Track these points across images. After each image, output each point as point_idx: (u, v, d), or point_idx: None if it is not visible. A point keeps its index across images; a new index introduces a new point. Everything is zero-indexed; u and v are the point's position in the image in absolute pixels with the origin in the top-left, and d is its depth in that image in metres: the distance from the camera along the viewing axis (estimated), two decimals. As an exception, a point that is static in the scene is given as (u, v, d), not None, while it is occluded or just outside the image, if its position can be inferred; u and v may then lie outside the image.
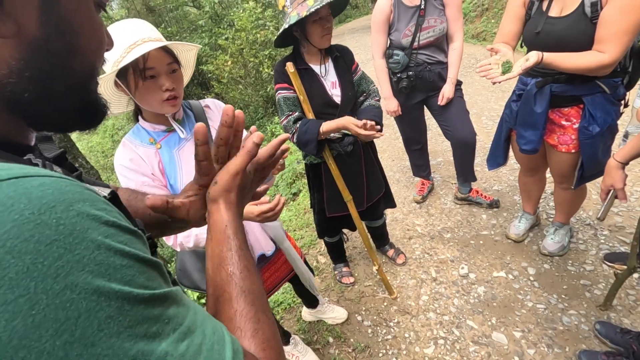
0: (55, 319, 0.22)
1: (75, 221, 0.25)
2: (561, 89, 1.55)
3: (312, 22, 1.41)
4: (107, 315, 0.25)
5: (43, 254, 0.23)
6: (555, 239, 2.00)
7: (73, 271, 0.24)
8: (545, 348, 1.57)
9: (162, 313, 0.29)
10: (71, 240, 0.25)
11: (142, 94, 0.94)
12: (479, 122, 3.74)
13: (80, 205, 0.27)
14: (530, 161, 1.91)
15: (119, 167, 0.99)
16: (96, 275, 0.25)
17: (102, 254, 0.26)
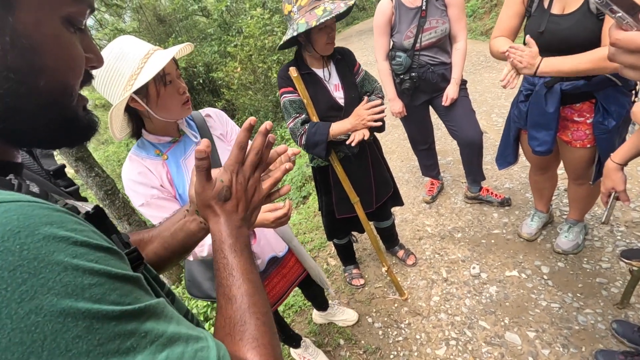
0: (20, 343, 0.23)
1: (40, 245, 0.26)
2: (571, 86, 1.51)
3: (318, 31, 1.43)
4: (74, 335, 0.25)
5: (6, 280, 0.24)
6: (570, 237, 1.96)
7: (37, 295, 0.24)
8: (560, 348, 1.54)
9: (137, 328, 0.29)
10: (35, 265, 0.25)
11: (164, 101, 0.96)
12: (489, 119, 3.69)
13: (46, 228, 0.27)
14: (542, 160, 1.87)
15: (128, 182, 1.00)
16: (62, 296, 0.25)
17: (69, 275, 0.26)
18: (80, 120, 0.41)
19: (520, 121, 1.75)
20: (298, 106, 1.53)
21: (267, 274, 1.34)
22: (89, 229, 0.32)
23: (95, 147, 12.11)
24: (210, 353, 0.34)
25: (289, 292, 1.46)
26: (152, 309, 0.32)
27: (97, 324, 0.26)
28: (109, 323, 0.27)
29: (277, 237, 1.36)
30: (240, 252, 0.50)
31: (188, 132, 1.09)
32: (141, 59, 0.90)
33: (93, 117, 0.44)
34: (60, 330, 0.24)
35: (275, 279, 1.39)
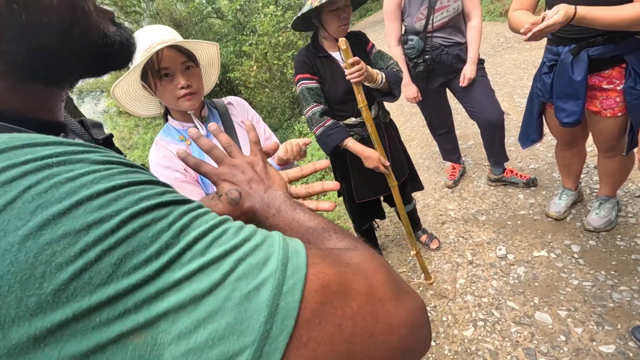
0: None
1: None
2: (600, 51, 1.44)
3: (329, 12, 1.43)
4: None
5: (45, 186, 0.23)
6: (601, 214, 1.89)
7: (77, 194, 0.24)
8: (594, 326, 1.49)
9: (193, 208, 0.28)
10: (71, 173, 0.25)
11: (161, 93, 1.02)
12: (511, 101, 3.58)
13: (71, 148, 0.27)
14: (569, 133, 1.81)
15: (154, 166, 1.06)
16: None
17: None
18: (110, 37, 0.38)
19: (545, 94, 1.69)
20: (315, 94, 1.53)
21: None
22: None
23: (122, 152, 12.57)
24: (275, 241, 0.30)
25: None
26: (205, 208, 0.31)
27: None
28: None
29: None
30: (293, 209, 0.45)
31: (197, 123, 1.11)
32: (144, 50, 0.95)
33: (126, 32, 0.40)
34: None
35: None
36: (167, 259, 0.24)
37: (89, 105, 17.60)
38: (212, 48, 1.11)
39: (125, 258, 0.23)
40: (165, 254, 0.24)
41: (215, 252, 0.26)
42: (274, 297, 0.25)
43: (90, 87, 17.25)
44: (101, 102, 17.12)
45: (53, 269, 0.21)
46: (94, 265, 0.22)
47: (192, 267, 0.24)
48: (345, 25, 1.46)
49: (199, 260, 0.25)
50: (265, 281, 0.25)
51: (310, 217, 0.44)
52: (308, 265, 0.28)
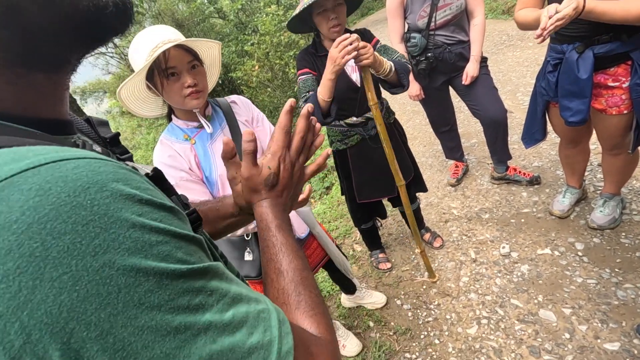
0: (97, 294, 0.23)
1: (108, 201, 0.26)
2: (605, 49, 1.43)
3: (317, 14, 1.41)
4: (146, 289, 0.25)
5: (81, 234, 0.24)
6: (605, 212, 1.88)
7: (110, 249, 0.24)
8: (598, 323, 1.49)
9: (204, 285, 0.30)
10: (106, 220, 0.25)
11: (168, 92, 1.02)
12: (514, 98, 3.57)
13: (113, 185, 0.27)
14: (573, 132, 1.80)
15: (159, 165, 1.06)
16: (132, 252, 0.25)
17: (137, 232, 0.26)
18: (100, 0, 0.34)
19: (549, 93, 1.68)
20: (310, 84, 1.50)
21: None
22: (152, 186, 0.32)
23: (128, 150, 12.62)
24: (271, 315, 0.34)
25: (313, 273, 1.49)
26: (215, 269, 0.32)
27: (166, 280, 0.27)
28: (178, 280, 0.28)
29: (298, 219, 1.39)
30: (288, 233, 0.50)
31: (203, 122, 1.11)
32: (149, 51, 0.96)
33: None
34: (132, 284, 0.25)
35: None
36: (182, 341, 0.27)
37: (91, 105, 17.67)
38: (215, 47, 1.12)
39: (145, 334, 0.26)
40: (184, 333, 0.27)
41: (225, 342, 0.30)
42: None
43: (93, 87, 17.32)
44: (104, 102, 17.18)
45: (83, 327, 0.23)
46: (119, 331, 0.25)
47: (207, 351, 0.28)
48: (336, 26, 1.42)
49: (211, 346, 0.29)
50: None
51: (297, 264, 0.48)
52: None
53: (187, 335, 0.27)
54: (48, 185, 0.24)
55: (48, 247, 0.22)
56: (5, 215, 0.22)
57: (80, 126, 0.49)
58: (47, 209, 0.23)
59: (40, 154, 0.26)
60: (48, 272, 0.22)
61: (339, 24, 1.43)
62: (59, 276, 0.22)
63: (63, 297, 0.22)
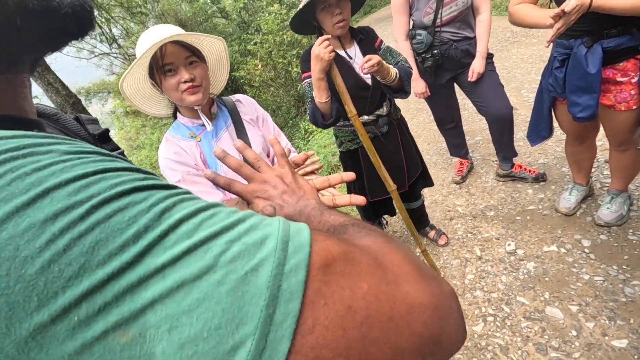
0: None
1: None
2: (614, 43, 1.41)
3: (321, 10, 1.39)
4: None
5: (8, 179, 0.21)
6: (612, 208, 1.86)
7: (44, 184, 0.21)
8: (606, 320, 1.48)
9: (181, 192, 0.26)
10: (38, 164, 0.22)
11: (166, 89, 1.03)
12: (519, 95, 3.55)
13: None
14: (580, 129, 1.79)
15: (165, 161, 1.07)
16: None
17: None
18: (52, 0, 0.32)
19: (557, 89, 1.66)
20: None
21: None
22: None
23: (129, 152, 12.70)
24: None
25: None
26: None
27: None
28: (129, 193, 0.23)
29: None
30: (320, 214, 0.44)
31: (204, 120, 1.11)
32: (146, 48, 0.96)
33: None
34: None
35: None
36: (147, 243, 0.21)
37: (96, 106, 17.78)
38: (219, 44, 1.11)
39: (97, 245, 0.20)
40: (145, 238, 0.21)
41: (204, 233, 0.22)
42: (274, 277, 0.22)
43: (98, 88, 17.42)
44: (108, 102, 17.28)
45: (17, 264, 0.19)
46: (62, 257, 0.19)
47: (177, 251, 0.21)
48: (340, 22, 1.40)
49: (184, 242, 0.22)
50: (264, 261, 0.22)
51: (336, 217, 0.42)
52: (312, 243, 0.25)
53: (150, 239, 0.22)
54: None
55: None
56: None
57: (69, 125, 0.48)
58: None
59: None
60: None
61: (344, 19, 1.41)
62: None
63: None
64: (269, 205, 0.49)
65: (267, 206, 0.49)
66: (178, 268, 0.21)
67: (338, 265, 0.24)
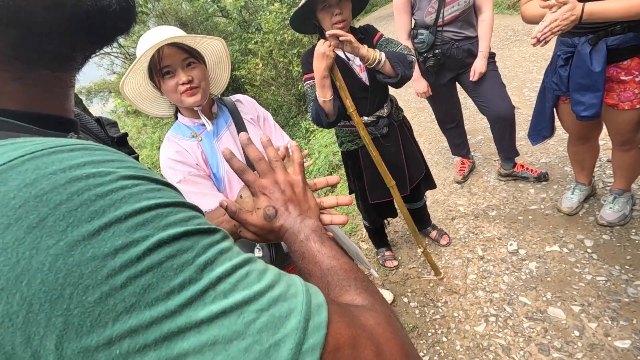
0: (93, 257, 0.22)
1: (105, 173, 0.26)
2: (619, 41, 1.40)
3: (321, 10, 1.38)
4: (147, 247, 0.24)
5: (76, 203, 0.23)
6: (615, 208, 1.86)
7: (106, 214, 0.24)
8: (608, 321, 1.47)
9: (216, 241, 0.28)
10: (101, 189, 0.25)
11: (165, 91, 1.03)
12: (521, 94, 3.54)
13: (109, 164, 0.27)
14: (583, 128, 1.77)
15: (166, 161, 1.06)
16: (130, 214, 0.25)
17: (133, 197, 0.26)
18: (100, 6, 0.34)
19: (561, 87, 1.65)
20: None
21: None
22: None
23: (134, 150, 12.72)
24: (294, 278, 0.31)
25: None
26: (228, 237, 0.31)
27: (166, 239, 0.25)
28: (178, 241, 0.26)
29: None
30: (321, 242, 0.47)
31: (204, 120, 1.11)
32: (143, 50, 0.96)
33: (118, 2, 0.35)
34: (130, 244, 0.24)
35: None
36: (190, 295, 0.24)
37: (97, 105, 17.80)
38: (217, 44, 1.10)
39: (149, 288, 0.23)
40: (188, 289, 0.24)
41: (239, 296, 0.26)
42: (293, 355, 0.25)
43: (99, 87, 17.43)
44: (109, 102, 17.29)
45: (80, 291, 0.21)
46: (118, 292, 0.22)
47: (214, 309, 0.24)
48: (339, 22, 1.38)
49: (221, 302, 0.25)
50: (287, 337, 0.25)
51: (335, 254, 0.44)
52: (328, 325, 0.28)
53: (193, 292, 0.24)
54: (44, 165, 0.24)
55: (44, 217, 0.22)
56: (3, 194, 0.22)
57: (90, 125, 0.50)
58: (44, 184, 0.23)
59: (38, 143, 0.26)
60: (44, 241, 0.22)
61: (344, 20, 1.39)
62: (54, 243, 0.22)
63: (59, 264, 0.22)
64: (272, 207, 0.52)
65: (270, 207, 0.52)
66: (213, 327, 0.24)
67: (346, 349, 0.28)
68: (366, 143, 1.51)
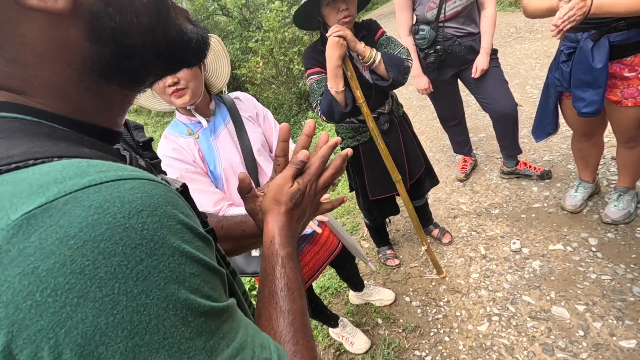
0: (130, 321, 0.24)
1: (157, 226, 0.26)
2: (622, 37, 1.38)
3: (326, 5, 1.35)
4: (172, 324, 0.25)
5: (128, 257, 0.24)
6: (620, 206, 1.83)
7: (150, 276, 0.25)
8: (614, 320, 1.45)
9: (218, 327, 0.30)
10: (152, 245, 0.26)
11: (156, 92, 1.03)
12: (523, 92, 3.51)
13: (163, 209, 0.28)
14: (587, 124, 1.75)
15: (164, 158, 1.05)
16: (169, 281, 0.26)
17: (176, 260, 0.27)
18: (187, 34, 0.39)
19: (563, 83, 1.63)
20: (325, 83, 1.45)
21: (299, 251, 1.36)
22: (193, 213, 0.32)
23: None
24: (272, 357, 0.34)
25: (323, 268, 1.46)
26: (230, 309, 0.32)
27: (191, 317, 0.27)
28: (199, 318, 0.28)
29: None
30: (295, 265, 0.48)
31: (199, 117, 1.10)
32: None
33: (202, 30, 0.41)
34: (162, 316, 0.25)
35: (307, 256, 1.40)
36: None
37: (98, 104, 17.81)
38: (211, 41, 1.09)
39: None
40: None
41: None
42: None
43: (99, 86, 17.43)
44: (110, 101, 17.31)
45: (109, 354, 0.23)
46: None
47: None
48: (346, 17, 1.36)
49: None
50: None
51: (293, 297, 0.45)
52: None
53: None
54: (107, 204, 0.25)
55: (98, 266, 0.23)
56: (65, 229, 0.23)
57: None
58: (103, 227, 0.24)
59: (101, 171, 0.27)
60: (92, 292, 0.23)
61: (350, 15, 1.37)
62: (101, 297, 0.23)
63: (100, 320, 0.23)
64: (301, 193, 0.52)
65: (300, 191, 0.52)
66: None
67: None
68: (374, 136, 1.50)
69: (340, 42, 1.29)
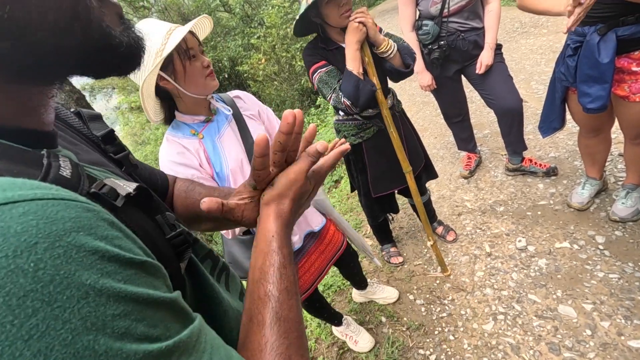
0: None
1: (59, 262, 0.21)
2: (631, 31, 1.35)
3: (326, 3, 1.34)
4: None
5: (14, 311, 0.19)
6: (628, 203, 1.80)
7: (50, 331, 0.20)
8: (622, 320, 1.43)
9: None
10: (51, 290, 0.20)
11: (190, 75, 0.98)
12: (529, 87, 3.46)
13: (71, 237, 0.22)
14: (594, 120, 1.72)
15: (168, 164, 1.01)
16: (80, 332, 0.21)
17: (91, 302, 0.22)
18: (115, 37, 0.35)
19: (568, 78, 1.60)
20: (336, 75, 1.43)
21: (305, 250, 1.34)
22: (123, 234, 0.27)
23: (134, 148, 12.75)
24: None
25: (329, 267, 1.44)
26: (183, 345, 0.27)
27: None
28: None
29: (313, 210, 1.35)
30: (295, 267, 0.46)
31: (220, 106, 1.10)
32: (164, 35, 0.92)
33: (134, 33, 0.37)
34: None
35: (313, 255, 1.38)
36: None
37: (100, 102, 17.83)
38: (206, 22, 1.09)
39: None
40: None
41: None
42: None
43: (102, 84, 17.45)
44: (113, 98, 17.32)
45: None
46: None
47: None
48: (347, 11, 1.35)
49: None
50: None
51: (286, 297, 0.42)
52: None
53: None
54: None
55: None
56: None
57: (71, 121, 0.46)
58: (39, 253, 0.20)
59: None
60: None
61: (350, 8, 1.38)
62: None
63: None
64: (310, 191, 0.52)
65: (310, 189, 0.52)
66: None
67: None
68: (387, 124, 1.52)
69: (360, 28, 1.31)
